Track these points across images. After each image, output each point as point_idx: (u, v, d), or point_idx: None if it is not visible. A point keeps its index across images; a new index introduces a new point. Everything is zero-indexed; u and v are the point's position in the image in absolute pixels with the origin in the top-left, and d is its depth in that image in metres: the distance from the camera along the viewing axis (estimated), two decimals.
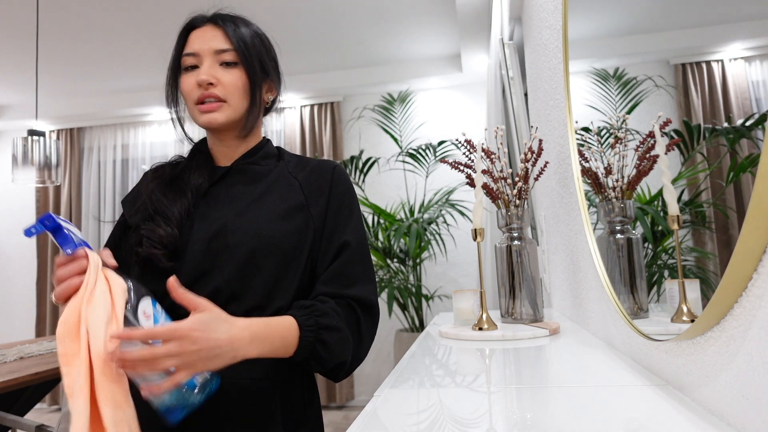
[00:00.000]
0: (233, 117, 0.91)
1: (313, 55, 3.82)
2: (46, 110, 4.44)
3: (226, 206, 0.89)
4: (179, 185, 0.92)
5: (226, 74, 0.89)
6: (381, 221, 3.59)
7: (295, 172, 0.95)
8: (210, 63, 0.89)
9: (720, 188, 0.48)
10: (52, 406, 4.34)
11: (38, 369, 1.92)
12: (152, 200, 0.90)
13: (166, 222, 0.86)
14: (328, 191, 0.93)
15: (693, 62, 0.53)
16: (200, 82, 0.88)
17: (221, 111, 0.89)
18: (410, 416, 0.58)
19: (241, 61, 0.90)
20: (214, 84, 0.88)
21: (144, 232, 0.85)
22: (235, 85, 0.90)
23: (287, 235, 0.86)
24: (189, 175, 0.94)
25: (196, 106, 0.90)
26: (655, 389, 0.62)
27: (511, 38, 2.22)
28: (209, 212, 0.89)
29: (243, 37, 0.92)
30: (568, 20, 1.05)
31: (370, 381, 4.03)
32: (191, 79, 0.90)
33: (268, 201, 0.90)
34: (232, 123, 0.91)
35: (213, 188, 0.92)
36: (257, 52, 0.93)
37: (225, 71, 0.89)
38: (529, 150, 1.19)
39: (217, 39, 0.90)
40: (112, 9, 3.02)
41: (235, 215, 0.87)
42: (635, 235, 0.77)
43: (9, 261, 4.64)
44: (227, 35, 0.90)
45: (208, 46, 0.90)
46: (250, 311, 0.83)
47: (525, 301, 1.14)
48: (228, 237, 0.84)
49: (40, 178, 2.50)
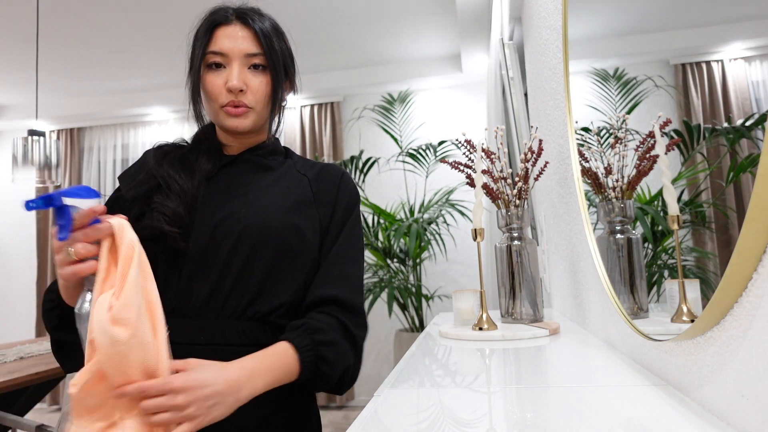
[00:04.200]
0: (259, 123, 0.91)
1: (313, 55, 3.82)
2: (46, 110, 4.44)
3: (232, 194, 0.88)
4: (188, 165, 0.90)
5: (255, 80, 0.88)
6: (381, 221, 3.59)
7: (303, 170, 0.95)
8: (240, 67, 0.87)
9: (720, 188, 0.48)
10: (52, 406, 4.34)
11: (38, 369, 1.92)
12: (161, 174, 0.87)
13: (178, 197, 0.84)
14: (335, 194, 0.93)
15: (693, 62, 0.53)
16: (232, 88, 0.86)
17: (248, 117, 0.88)
18: (410, 416, 0.58)
19: (268, 65, 0.89)
20: (244, 91, 0.87)
21: (155, 205, 0.82)
22: (263, 92, 0.89)
23: (294, 228, 0.85)
24: (196, 158, 0.92)
25: (222, 109, 0.88)
26: (655, 389, 0.62)
27: (511, 38, 2.22)
28: (213, 198, 0.87)
29: (271, 40, 0.90)
30: (568, 20, 1.05)
31: (370, 381, 4.03)
32: (218, 80, 0.87)
33: (275, 192, 0.89)
34: (258, 127, 0.92)
35: (218, 174, 0.91)
36: (282, 54, 0.92)
37: (254, 76, 0.88)
38: (529, 150, 1.19)
39: (247, 41, 0.88)
40: (113, 9, 3.02)
41: (242, 204, 0.86)
42: (635, 235, 0.77)
43: (9, 261, 4.64)
44: (257, 37, 0.88)
45: (238, 48, 0.87)
46: (253, 304, 0.82)
47: (525, 301, 1.14)
48: (234, 225, 0.83)
49: (40, 178, 2.50)
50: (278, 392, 0.79)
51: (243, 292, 0.82)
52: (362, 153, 3.71)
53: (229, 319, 0.81)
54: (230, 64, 0.87)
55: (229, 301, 0.81)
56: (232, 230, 0.83)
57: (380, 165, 4.15)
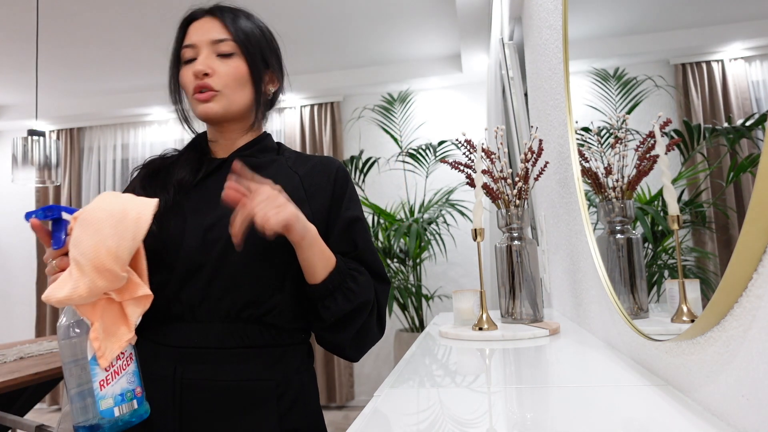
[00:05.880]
0: (230, 108, 0.89)
1: (313, 55, 3.82)
2: (46, 110, 4.44)
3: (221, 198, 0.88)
4: (162, 179, 0.91)
5: (223, 65, 0.88)
6: (381, 221, 3.59)
7: (295, 167, 0.94)
8: (207, 54, 0.88)
9: (720, 188, 0.48)
10: (52, 406, 4.34)
11: (38, 369, 1.92)
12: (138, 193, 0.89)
13: None
14: (331, 188, 0.92)
15: (693, 62, 0.53)
16: (195, 72, 0.87)
17: (216, 101, 0.88)
18: (410, 416, 0.58)
19: (240, 51, 0.89)
20: (209, 74, 0.87)
21: None
22: (231, 75, 0.88)
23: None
24: (175, 168, 0.92)
25: (193, 97, 0.89)
26: (655, 389, 0.62)
27: (511, 38, 2.22)
28: (202, 205, 0.87)
29: (242, 27, 0.90)
30: (568, 20, 1.05)
31: (370, 381, 4.03)
32: (189, 71, 0.89)
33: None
34: (230, 114, 0.90)
35: (207, 180, 0.91)
36: (257, 41, 0.92)
37: (222, 62, 0.88)
38: (529, 150, 1.19)
39: (215, 30, 0.89)
40: (112, 9, 3.02)
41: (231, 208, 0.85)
42: (635, 235, 0.77)
43: (9, 261, 4.64)
44: (225, 25, 0.89)
45: (205, 37, 0.88)
46: (247, 305, 0.82)
47: (525, 301, 1.14)
48: (224, 229, 0.82)
49: (40, 178, 2.50)
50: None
51: (236, 295, 0.81)
52: (362, 153, 3.71)
53: (224, 322, 0.81)
54: (199, 54, 0.88)
55: (222, 304, 0.81)
56: (222, 234, 0.82)
57: (380, 165, 4.15)
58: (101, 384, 0.67)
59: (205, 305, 0.81)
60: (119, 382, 0.69)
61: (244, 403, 0.80)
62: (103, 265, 0.66)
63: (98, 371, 0.67)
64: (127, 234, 0.68)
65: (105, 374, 0.68)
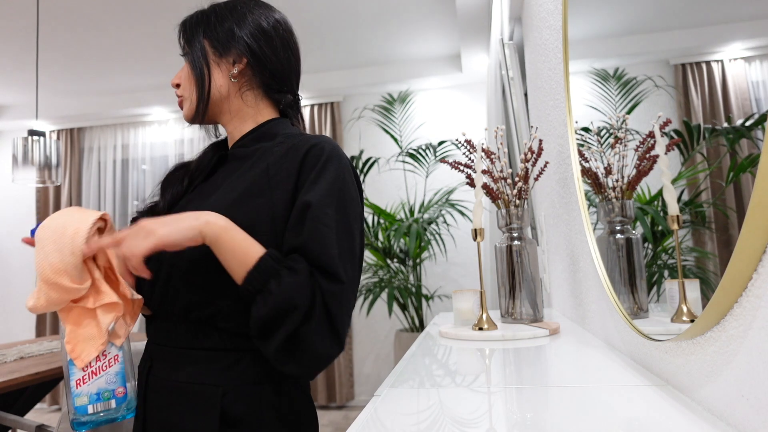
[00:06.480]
0: (192, 108, 0.90)
1: (313, 55, 3.82)
2: (46, 110, 4.44)
3: (202, 195, 0.87)
4: (178, 177, 0.94)
5: (184, 69, 0.91)
6: (381, 221, 3.59)
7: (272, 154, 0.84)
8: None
9: (720, 188, 0.48)
10: (52, 406, 4.34)
11: (38, 369, 1.92)
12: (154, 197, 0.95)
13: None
14: (296, 173, 0.80)
15: (693, 62, 0.53)
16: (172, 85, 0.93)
17: (184, 106, 0.92)
18: (410, 416, 0.58)
19: (188, 49, 0.90)
20: (179, 84, 0.92)
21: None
22: (185, 77, 0.91)
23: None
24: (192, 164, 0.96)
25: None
26: (655, 389, 0.62)
27: (511, 38, 2.22)
28: (192, 202, 0.87)
29: (188, 25, 0.91)
30: (568, 20, 1.05)
31: (370, 381, 4.03)
32: None
33: (227, 186, 0.83)
34: (201, 112, 0.89)
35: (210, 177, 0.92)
36: (195, 28, 0.89)
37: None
38: (529, 150, 1.19)
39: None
40: (113, 9, 3.02)
41: (197, 205, 0.82)
42: (635, 235, 0.77)
43: (9, 261, 4.64)
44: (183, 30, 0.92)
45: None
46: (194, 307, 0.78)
47: (525, 301, 1.14)
48: None
49: (40, 178, 2.50)
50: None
51: (185, 296, 0.79)
52: (362, 153, 3.71)
53: (177, 322, 0.81)
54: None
55: (177, 304, 0.80)
56: None
57: (380, 165, 4.15)
58: (77, 383, 0.74)
59: (165, 304, 0.82)
60: (96, 382, 0.74)
61: (187, 406, 0.76)
62: (50, 279, 0.71)
63: (76, 371, 0.74)
64: (65, 249, 0.72)
65: (82, 374, 0.74)
